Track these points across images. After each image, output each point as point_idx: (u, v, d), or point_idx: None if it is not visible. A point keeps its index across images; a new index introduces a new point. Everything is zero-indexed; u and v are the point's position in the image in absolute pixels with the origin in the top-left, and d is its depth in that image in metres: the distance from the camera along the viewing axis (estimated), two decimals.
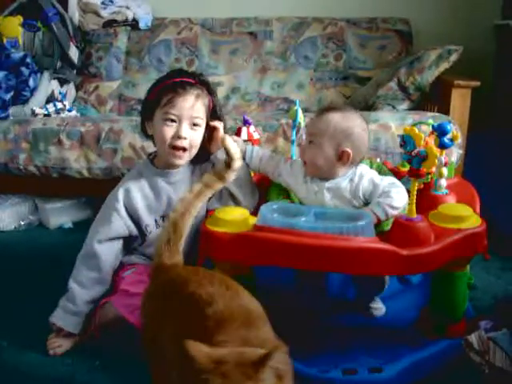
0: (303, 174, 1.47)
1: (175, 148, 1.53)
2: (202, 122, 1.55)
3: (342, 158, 1.40)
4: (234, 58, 3.00)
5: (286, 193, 1.53)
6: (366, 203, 1.39)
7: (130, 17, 3.05)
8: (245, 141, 1.63)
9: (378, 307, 1.49)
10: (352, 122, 1.41)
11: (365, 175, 1.41)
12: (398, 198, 1.34)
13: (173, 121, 1.51)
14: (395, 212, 1.33)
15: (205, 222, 1.33)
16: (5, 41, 2.60)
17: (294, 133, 1.65)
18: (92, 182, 2.30)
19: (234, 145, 1.24)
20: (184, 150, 1.54)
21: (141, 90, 2.96)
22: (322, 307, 1.50)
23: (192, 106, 1.52)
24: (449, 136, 1.38)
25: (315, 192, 1.43)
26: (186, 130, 1.52)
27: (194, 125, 1.53)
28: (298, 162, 1.51)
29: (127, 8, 3.06)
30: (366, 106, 2.45)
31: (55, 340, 1.52)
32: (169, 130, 1.51)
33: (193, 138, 1.54)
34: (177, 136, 1.51)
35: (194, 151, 1.57)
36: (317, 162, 1.41)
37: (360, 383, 1.25)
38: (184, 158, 1.56)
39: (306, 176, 1.46)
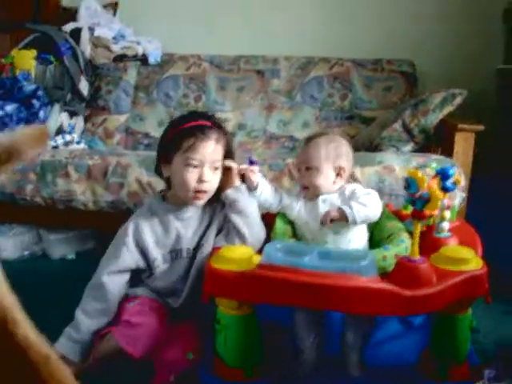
0: (300, 194, 1.61)
1: (198, 192, 1.56)
2: (220, 165, 1.59)
3: (339, 173, 1.56)
4: (241, 95, 3.05)
5: (291, 232, 1.55)
6: None
7: (140, 52, 3.11)
8: None
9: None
10: (338, 141, 1.58)
11: (354, 186, 1.57)
12: (367, 198, 1.49)
13: (195, 166, 1.54)
14: (364, 210, 1.45)
15: (210, 260, 1.35)
16: (18, 73, 2.65)
17: None
18: (97, 214, 2.31)
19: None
20: (206, 192, 1.57)
21: (148, 124, 3.02)
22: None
23: (213, 151, 1.55)
24: (452, 180, 1.40)
25: (312, 206, 1.56)
26: (208, 175, 1.55)
27: (216, 168, 1.57)
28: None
29: (138, 43, 3.13)
30: (371, 147, 2.47)
31: None
32: (191, 176, 1.54)
33: (213, 180, 1.58)
34: (200, 181, 1.55)
35: (213, 193, 1.61)
36: (318, 183, 1.55)
37: None
38: (204, 199, 1.60)
39: (305, 197, 1.60)
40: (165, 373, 1.46)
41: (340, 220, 1.46)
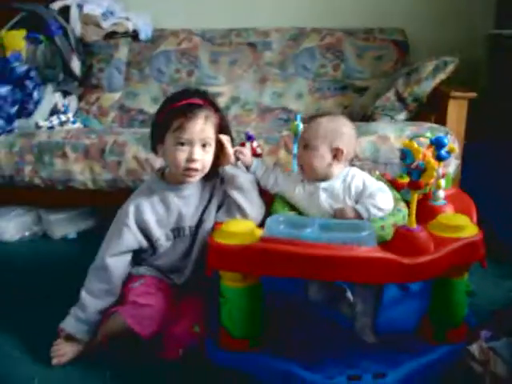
0: (300, 178, 1.56)
1: (189, 170, 1.57)
2: (212, 142, 1.59)
3: (336, 155, 1.50)
4: (234, 69, 3.04)
5: (290, 206, 1.57)
6: (357, 202, 1.47)
7: (131, 28, 3.09)
8: None
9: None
10: (340, 122, 1.54)
11: (357, 175, 1.51)
12: (382, 200, 1.44)
13: (184, 144, 1.55)
14: (379, 213, 1.42)
15: (212, 235, 1.37)
16: (8, 55, 2.63)
17: (296, 146, 1.69)
18: (96, 193, 2.34)
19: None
20: (197, 170, 1.58)
21: (142, 100, 3.02)
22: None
23: (202, 129, 1.55)
24: (446, 149, 1.43)
25: (311, 193, 1.51)
26: (198, 153, 1.56)
27: (205, 145, 1.57)
28: (295, 171, 1.62)
29: (127, 19, 3.10)
30: (365, 117, 2.49)
31: (60, 347, 1.56)
32: (181, 154, 1.55)
33: (205, 158, 1.58)
34: (190, 159, 1.55)
35: (207, 170, 1.62)
36: (314, 163, 1.51)
37: None
38: (197, 177, 1.60)
39: (303, 180, 1.55)
40: (173, 347, 1.50)
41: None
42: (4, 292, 1.97)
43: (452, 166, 2.09)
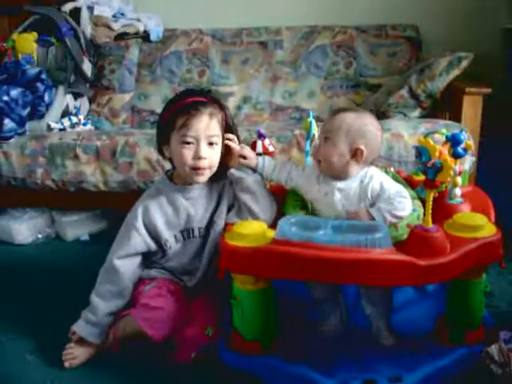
0: (316, 175, 1.50)
1: (196, 169, 1.55)
2: (219, 140, 1.57)
3: (355, 155, 1.42)
4: (245, 68, 3.03)
5: (301, 204, 1.55)
6: (372, 205, 1.41)
7: (141, 29, 3.08)
8: (260, 154, 1.65)
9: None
10: (366, 120, 1.44)
11: (375, 177, 1.43)
12: (400, 207, 1.37)
13: (190, 143, 1.53)
14: (394, 220, 1.36)
15: (223, 236, 1.35)
16: (20, 57, 2.64)
17: (308, 144, 1.67)
18: (108, 194, 2.33)
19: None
20: (205, 168, 1.56)
21: (153, 101, 3.01)
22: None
23: (207, 126, 1.53)
24: (462, 145, 1.40)
25: (326, 192, 1.46)
26: (204, 150, 1.53)
27: (212, 143, 1.55)
28: (311, 166, 1.56)
29: (138, 20, 3.09)
30: (377, 114, 2.46)
31: (71, 351, 1.55)
32: (188, 153, 1.53)
33: (212, 156, 1.56)
34: (197, 157, 1.53)
35: (215, 168, 1.60)
36: (331, 158, 1.43)
37: None
38: (205, 176, 1.58)
39: (319, 177, 1.49)
40: (186, 350, 1.49)
41: None
42: (17, 294, 1.97)
43: (468, 163, 2.05)
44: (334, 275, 1.23)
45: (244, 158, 1.60)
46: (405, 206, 1.37)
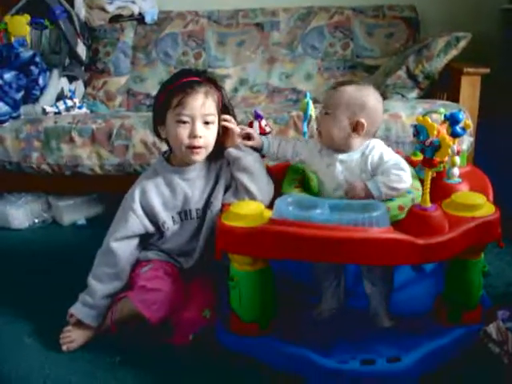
0: (318, 147, 1.50)
1: (192, 147, 1.54)
2: (215, 119, 1.56)
3: (356, 128, 1.41)
4: (242, 50, 3.01)
5: (298, 182, 1.53)
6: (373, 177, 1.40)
7: (136, 11, 3.05)
8: None
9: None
10: (367, 93, 1.43)
11: (376, 147, 1.43)
12: (396, 179, 1.35)
13: (186, 122, 1.52)
14: (392, 193, 1.35)
15: (220, 217, 1.34)
16: (13, 40, 2.61)
17: (305, 125, 1.65)
18: (104, 178, 2.32)
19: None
20: (200, 147, 1.55)
21: (149, 84, 2.99)
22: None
23: (203, 104, 1.52)
24: (461, 125, 1.39)
25: (328, 164, 1.45)
26: (200, 129, 1.52)
27: (207, 122, 1.54)
28: (314, 139, 1.55)
29: (133, 2, 3.06)
30: None
31: (69, 334, 1.55)
32: (183, 131, 1.52)
33: (207, 135, 1.55)
34: (192, 136, 1.52)
35: (210, 148, 1.58)
36: (332, 132, 1.43)
37: (378, 373, 1.25)
38: (202, 155, 1.57)
39: (322, 149, 1.49)
40: (183, 332, 1.48)
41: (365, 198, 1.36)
42: (14, 278, 1.97)
43: (466, 143, 2.05)
44: (331, 254, 1.21)
45: (248, 138, 1.59)
46: (401, 177, 1.35)
